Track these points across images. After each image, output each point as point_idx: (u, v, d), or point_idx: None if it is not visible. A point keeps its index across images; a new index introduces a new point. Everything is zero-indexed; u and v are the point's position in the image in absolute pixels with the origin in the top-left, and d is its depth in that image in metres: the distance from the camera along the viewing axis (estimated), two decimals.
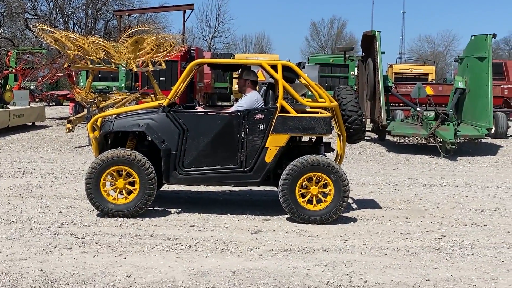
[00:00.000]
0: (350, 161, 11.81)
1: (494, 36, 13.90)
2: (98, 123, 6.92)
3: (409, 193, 8.56)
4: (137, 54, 13.73)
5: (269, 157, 6.67)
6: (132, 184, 6.62)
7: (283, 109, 6.73)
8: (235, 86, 30.53)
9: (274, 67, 6.88)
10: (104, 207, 6.59)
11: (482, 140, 14.47)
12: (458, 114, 14.61)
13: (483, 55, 13.81)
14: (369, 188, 8.92)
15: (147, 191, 6.54)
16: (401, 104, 17.62)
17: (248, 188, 8.17)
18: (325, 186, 6.63)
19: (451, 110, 14.33)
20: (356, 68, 18.84)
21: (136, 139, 7.09)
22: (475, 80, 14.12)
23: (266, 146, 6.66)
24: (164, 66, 16.25)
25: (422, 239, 6.12)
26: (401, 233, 6.35)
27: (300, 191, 6.60)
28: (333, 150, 7.37)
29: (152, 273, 4.88)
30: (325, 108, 7.03)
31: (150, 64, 15.13)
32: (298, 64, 7.45)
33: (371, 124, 16.16)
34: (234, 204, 7.54)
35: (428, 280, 4.86)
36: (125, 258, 5.25)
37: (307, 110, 7.11)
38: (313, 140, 7.25)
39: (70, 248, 5.50)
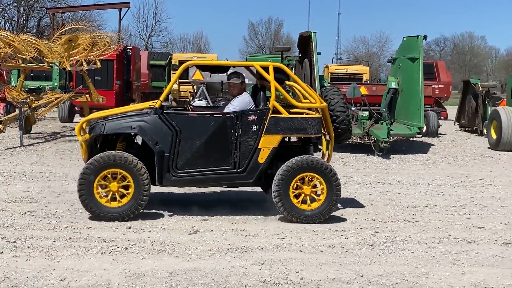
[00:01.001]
0: None
1: (425, 37, 14.33)
2: (84, 126, 6.83)
3: (344, 191, 8.70)
4: (71, 52, 13.43)
5: (262, 158, 6.73)
6: (125, 187, 6.53)
7: (275, 110, 6.80)
8: (174, 86, 30.15)
9: (266, 68, 6.94)
10: (97, 210, 6.49)
11: (414, 139, 14.92)
12: (391, 113, 14.98)
13: (414, 56, 14.21)
14: None
15: (142, 194, 6.49)
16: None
17: (188, 188, 8.13)
18: (316, 185, 6.73)
19: (384, 109, 14.69)
20: (293, 68, 19.00)
21: (125, 141, 7.00)
22: (407, 80, 14.52)
23: (259, 147, 6.72)
24: (99, 65, 15.95)
25: (357, 236, 6.26)
26: (337, 230, 6.47)
27: (294, 191, 6.67)
28: (319, 150, 7.44)
29: (87, 276, 4.80)
30: (314, 109, 7.11)
31: (84, 63, 14.83)
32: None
33: None
34: (171, 204, 7.49)
35: (362, 276, 4.98)
36: (58, 262, 5.14)
37: (291, 110, 7.11)
38: (301, 140, 7.29)
39: (1, 252, 5.33)
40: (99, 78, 18.51)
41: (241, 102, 6.98)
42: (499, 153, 14.03)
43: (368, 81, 27.20)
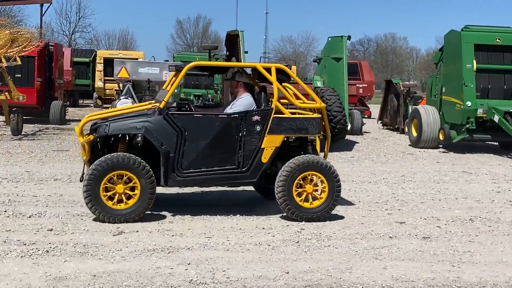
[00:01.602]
0: None
1: (349, 38, 14.66)
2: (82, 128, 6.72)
3: (271, 189, 8.77)
4: None
5: (265, 157, 6.82)
6: (131, 189, 6.46)
7: (278, 111, 6.88)
8: (98, 83, 29.43)
9: (268, 69, 7.03)
10: (103, 213, 6.38)
11: None
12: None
13: (339, 56, 14.51)
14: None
15: (148, 195, 6.46)
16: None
17: None
18: (317, 184, 6.84)
19: None
20: None
21: (127, 142, 6.92)
22: (332, 79, 14.80)
23: (262, 146, 6.81)
24: (19, 62, 15.39)
25: (283, 233, 6.32)
26: (263, 228, 6.51)
27: (297, 190, 6.76)
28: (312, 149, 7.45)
29: (5, 281, 4.61)
30: (311, 109, 7.25)
31: (3, 60, 14.27)
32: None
33: None
34: None
35: (288, 273, 5.03)
36: None
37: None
38: (300, 139, 7.34)
39: None
40: (20, 75, 17.85)
41: (244, 103, 7.07)
42: (419, 150, 14.54)
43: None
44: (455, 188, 9.48)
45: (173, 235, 6.11)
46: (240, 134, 6.79)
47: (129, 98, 14.30)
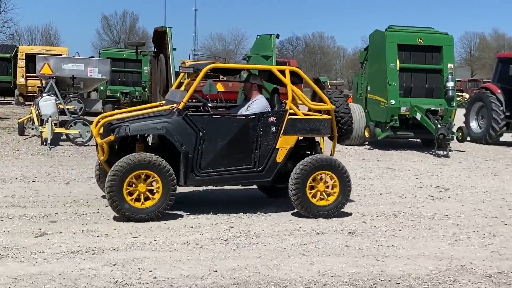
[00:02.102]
0: None
1: (278, 36, 14.80)
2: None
3: (201, 187, 8.73)
4: None
5: (280, 157, 7.02)
6: (151, 188, 6.58)
7: (291, 112, 7.12)
8: (20, 80, 28.39)
9: (282, 72, 7.23)
10: (126, 212, 6.45)
11: None
12: None
13: (268, 54, 14.63)
14: None
15: (170, 194, 6.56)
16: (194, 100, 17.96)
17: (34, 188, 7.70)
18: (327, 181, 7.07)
19: None
20: (149, 64, 18.69)
21: (144, 143, 6.97)
22: None
23: (277, 146, 7.01)
24: None
25: (212, 232, 6.29)
26: (192, 227, 6.46)
27: (310, 190, 6.97)
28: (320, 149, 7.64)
29: None
30: (317, 110, 7.46)
31: None
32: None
33: None
34: (14, 205, 7.05)
35: (216, 271, 5.01)
36: None
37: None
38: (308, 139, 7.54)
39: None
40: None
41: (260, 105, 7.26)
42: (346, 148, 14.82)
43: (225, 78, 27.54)
44: (379, 184, 9.73)
45: (98, 236, 5.96)
46: (257, 134, 6.98)
47: (52, 95, 13.85)
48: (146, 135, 7.14)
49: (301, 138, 7.46)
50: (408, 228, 6.80)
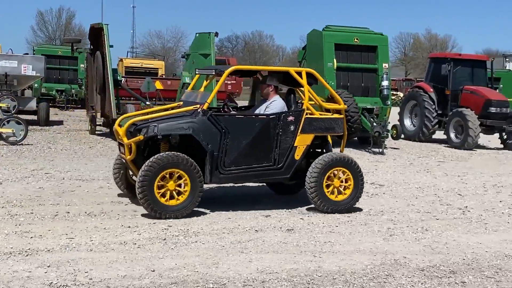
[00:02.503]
0: (80, 156, 11.51)
1: (217, 34, 14.72)
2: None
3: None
4: None
5: (297, 155, 7.37)
6: (179, 186, 6.79)
7: (308, 112, 7.48)
8: None
9: (299, 73, 7.58)
10: (157, 209, 6.66)
11: None
12: None
13: (207, 52, 14.55)
14: (98, 183, 8.79)
15: (198, 192, 6.81)
16: (132, 98, 17.72)
17: None
18: (340, 177, 7.40)
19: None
20: (85, 61, 18.31)
21: (168, 143, 7.11)
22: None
23: (295, 145, 7.36)
24: None
25: (150, 231, 6.23)
26: (129, 227, 6.38)
27: (327, 185, 7.31)
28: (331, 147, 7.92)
29: None
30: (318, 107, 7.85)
31: None
32: None
33: (102, 118, 15.94)
34: None
35: (154, 271, 4.97)
36: None
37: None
38: (320, 138, 7.77)
39: None
40: None
41: (279, 105, 7.57)
42: None
43: (164, 76, 27.32)
44: None
45: (31, 237, 5.80)
46: (277, 133, 7.30)
47: None
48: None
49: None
50: (344, 224, 6.93)
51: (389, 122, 14.26)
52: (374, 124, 13.70)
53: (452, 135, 16.07)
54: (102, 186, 8.55)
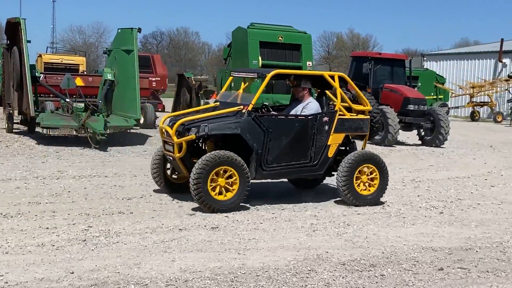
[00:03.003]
0: None
1: (139, 30, 14.46)
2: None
3: (57, 186, 8.38)
4: None
5: (331, 153, 7.93)
6: (228, 182, 7.22)
7: (340, 113, 7.96)
8: None
9: (332, 77, 8.09)
10: (210, 203, 7.11)
11: (131, 131, 15.03)
12: (108, 105, 14.83)
13: (129, 48, 14.27)
14: (15, 183, 8.45)
15: (245, 188, 7.27)
16: (52, 95, 17.17)
17: None
18: (366, 173, 7.93)
19: (100, 101, 14.46)
20: (1, 56, 17.56)
21: (213, 142, 7.57)
22: (123, 72, 14.51)
23: (328, 143, 7.90)
24: None
25: (69, 232, 6.05)
26: (47, 228, 6.17)
27: (356, 181, 7.83)
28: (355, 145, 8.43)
29: None
30: (347, 110, 8.17)
31: None
32: None
33: (20, 116, 15.34)
34: None
35: (73, 273, 4.83)
36: None
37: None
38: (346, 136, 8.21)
39: None
40: None
41: (314, 107, 8.07)
42: None
43: (85, 72, 26.62)
44: None
45: None
46: (313, 133, 7.80)
47: None
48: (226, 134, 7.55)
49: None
50: (269, 221, 6.98)
51: None
52: None
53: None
54: (19, 186, 8.23)
